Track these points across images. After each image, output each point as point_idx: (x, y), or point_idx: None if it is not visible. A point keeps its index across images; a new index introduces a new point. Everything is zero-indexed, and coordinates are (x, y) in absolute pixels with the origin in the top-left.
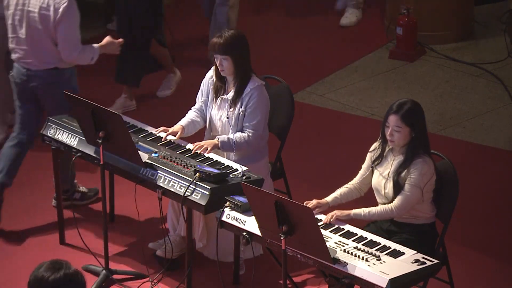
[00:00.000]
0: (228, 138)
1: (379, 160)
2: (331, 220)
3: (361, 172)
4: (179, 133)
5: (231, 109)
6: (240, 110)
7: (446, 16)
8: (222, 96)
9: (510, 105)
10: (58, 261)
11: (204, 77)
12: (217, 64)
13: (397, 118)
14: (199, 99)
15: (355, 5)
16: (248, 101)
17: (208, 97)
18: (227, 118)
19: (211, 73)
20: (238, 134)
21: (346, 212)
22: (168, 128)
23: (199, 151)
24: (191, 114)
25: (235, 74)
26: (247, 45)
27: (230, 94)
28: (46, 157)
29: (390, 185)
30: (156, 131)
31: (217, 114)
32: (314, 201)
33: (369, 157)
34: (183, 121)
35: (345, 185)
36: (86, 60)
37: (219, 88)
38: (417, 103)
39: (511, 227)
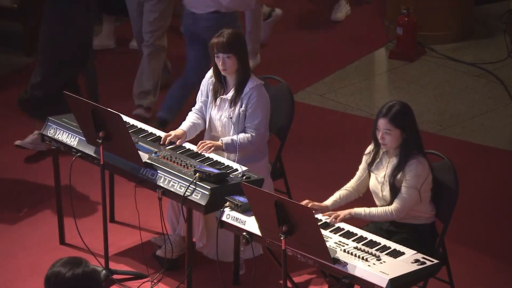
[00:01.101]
0: (232, 139)
1: (374, 163)
2: (337, 221)
3: (358, 174)
4: (180, 139)
5: (232, 109)
6: (241, 110)
7: (446, 16)
8: (222, 96)
9: (510, 105)
10: (77, 257)
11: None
12: (219, 63)
13: (386, 121)
14: (199, 99)
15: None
16: (248, 102)
17: (207, 97)
18: (230, 118)
19: (210, 73)
20: (241, 135)
21: (347, 211)
22: (171, 133)
23: (202, 148)
24: (192, 117)
25: (237, 73)
26: (246, 44)
27: (230, 94)
28: (46, 157)
29: (386, 188)
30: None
31: (217, 114)
32: (316, 203)
33: (364, 160)
34: (185, 125)
35: (344, 188)
36: (245, 5)
37: (219, 89)
38: (406, 104)
39: (511, 227)
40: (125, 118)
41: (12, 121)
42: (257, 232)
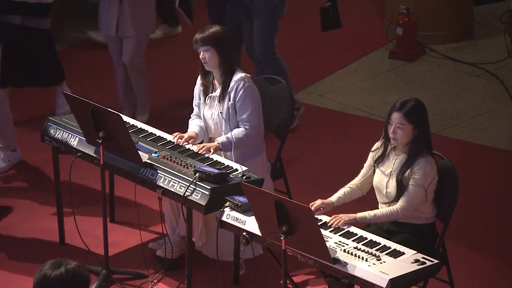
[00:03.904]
0: (227, 137)
1: (381, 159)
2: (339, 224)
3: (363, 171)
4: (193, 140)
5: (221, 105)
6: (229, 104)
7: (446, 16)
8: (210, 95)
9: (510, 105)
10: (59, 259)
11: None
12: (200, 57)
13: (401, 115)
14: (194, 103)
15: None
16: (235, 95)
17: (200, 99)
18: (220, 113)
19: (199, 76)
20: (235, 130)
21: (352, 216)
22: (183, 134)
23: (201, 151)
24: (195, 121)
25: (220, 67)
26: (230, 40)
27: (218, 91)
28: (46, 157)
29: (391, 184)
30: (173, 136)
31: (209, 113)
32: (319, 201)
33: (371, 157)
34: (195, 129)
35: (348, 185)
36: None
37: (207, 87)
38: (420, 101)
39: (511, 227)
40: (125, 118)
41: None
42: (257, 232)
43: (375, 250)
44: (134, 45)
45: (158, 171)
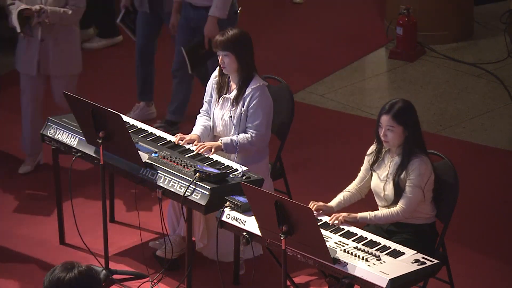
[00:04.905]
0: (231, 139)
1: (376, 162)
2: (340, 223)
3: (360, 175)
4: (195, 142)
5: (233, 108)
6: (242, 110)
7: (446, 16)
8: (224, 96)
9: (510, 105)
10: (68, 262)
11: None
12: (219, 61)
13: (389, 117)
14: (205, 99)
15: None
16: (250, 102)
17: (211, 97)
18: (230, 117)
19: (216, 72)
20: (241, 135)
21: (353, 215)
22: (185, 136)
23: (201, 151)
24: (201, 120)
25: (238, 72)
26: (250, 44)
27: (232, 94)
28: (46, 157)
29: (389, 187)
30: (175, 136)
31: (219, 113)
32: (321, 203)
33: (367, 160)
34: (197, 130)
35: (346, 189)
36: None
37: (222, 87)
38: (409, 102)
39: (511, 227)
40: (125, 118)
41: (12, 121)
42: (257, 232)
43: (375, 250)
44: (62, 84)
45: (158, 171)
